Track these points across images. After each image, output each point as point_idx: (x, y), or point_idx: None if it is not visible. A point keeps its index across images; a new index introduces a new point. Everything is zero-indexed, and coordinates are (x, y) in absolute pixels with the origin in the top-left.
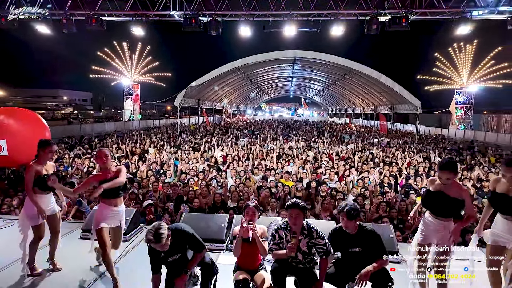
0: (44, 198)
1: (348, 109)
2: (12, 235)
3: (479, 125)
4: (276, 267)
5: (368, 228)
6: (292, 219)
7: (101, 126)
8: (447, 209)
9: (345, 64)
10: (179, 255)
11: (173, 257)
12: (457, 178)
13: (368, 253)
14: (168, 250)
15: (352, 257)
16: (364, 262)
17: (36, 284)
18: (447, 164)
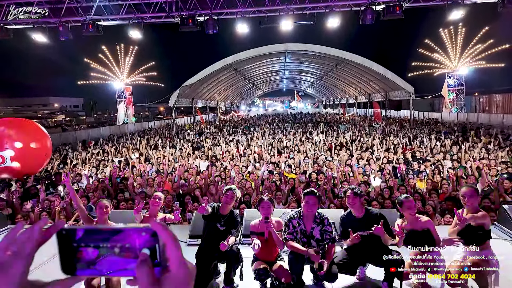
0: None
1: (342, 99)
2: None
3: (471, 107)
4: (293, 256)
5: (374, 211)
6: (309, 205)
7: (97, 131)
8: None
9: (337, 54)
10: (224, 227)
11: (221, 225)
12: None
13: (376, 235)
14: (225, 217)
15: (361, 241)
16: (373, 244)
17: None
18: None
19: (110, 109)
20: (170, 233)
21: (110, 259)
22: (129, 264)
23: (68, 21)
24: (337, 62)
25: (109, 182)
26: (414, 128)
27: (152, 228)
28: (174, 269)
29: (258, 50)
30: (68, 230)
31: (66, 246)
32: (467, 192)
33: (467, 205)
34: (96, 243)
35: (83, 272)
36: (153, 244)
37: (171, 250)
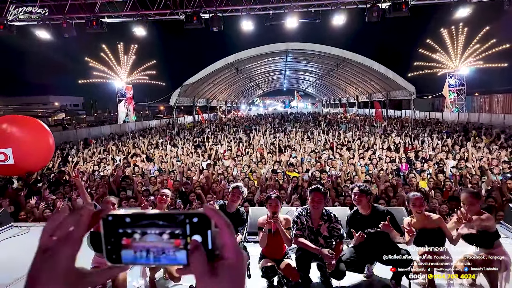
0: None
1: (342, 98)
2: (29, 242)
3: (471, 107)
4: (301, 254)
5: (381, 208)
6: (315, 202)
7: (97, 130)
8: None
9: (338, 53)
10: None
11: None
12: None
13: (383, 232)
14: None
15: (368, 238)
16: (381, 242)
17: None
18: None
19: (110, 108)
20: (224, 218)
21: (158, 246)
22: (179, 251)
23: (72, 17)
24: (338, 61)
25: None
26: (415, 128)
27: (205, 213)
28: (229, 256)
29: (259, 49)
30: (114, 215)
31: (112, 233)
32: (467, 199)
33: (468, 210)
34: (144, 229)
35: (129, 260)
36: (205, 230)
37: (225, 236)
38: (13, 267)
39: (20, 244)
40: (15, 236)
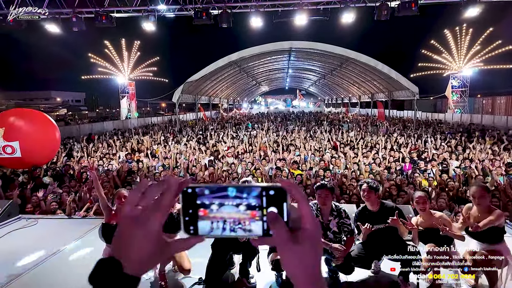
0: None
1: (345, 98)
2: (37, 234)
3: (474, 109)
4: None
5: (390, 204)
6: (322, 199)
7: (100, 126)
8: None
9: (341, 53)
10: None
11: None
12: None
13: (392, 228)
14: None
15: (377, 234)
16: (389, 238)
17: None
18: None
19: (112, 104)
20: (301, 191)
21: (234, 217)
22: (254, 222)
23: (81, 12)
24: (341, 60)
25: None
26: (418, 129)
27: (282, 187)
28: (308, 225)
29: (263, 47)
30: (194, 187)
31: (190, 204)
32: (477, 192)
33: (478, 205)
34: (221, 201)
35: (206, 231)
36: (281, 203)
37: (304, 208)
38: (22, 257)
39: (29, 235)
40: (23, 228)
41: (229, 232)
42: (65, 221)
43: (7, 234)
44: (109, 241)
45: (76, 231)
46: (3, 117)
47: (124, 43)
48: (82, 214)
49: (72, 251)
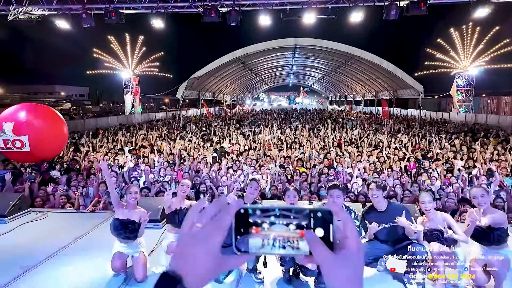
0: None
1: (348, 96)
2: (47, 227)
3: (479, 108)
4: None
5: (397, 204)
6: (333, 198)
7: (105, 121)
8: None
9: (346, 50)
10: None
11: None
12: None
13: (399, 228)
14: None
15: (383, 234)
16: (395, 237)
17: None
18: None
19: (116, 99)
20: (346, 213)
21: (284, 236)
22: (302, 241)
23: (90, 8)
24: (346, 58)
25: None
26: (422, 128)
27: (330, 210)
28: (352, 245)
29: (267, 43)
30: (247, 208)
31: (242, 223)
32: (478, 192)
33: (480, 205)
34: (272, 220)
35: (257, 248)
36: (328, 224)
37: (349, 230)
38: (33, 250)
39: (39, 228)
40: (33, 221)
41: (278, 249)
42: (74, 215)
43: (18, 227)
44: (120, 236)
45: (85, 225)
46: (13, 112)
47: (129, 38)
48: (91, 208)
49: (81, 245)
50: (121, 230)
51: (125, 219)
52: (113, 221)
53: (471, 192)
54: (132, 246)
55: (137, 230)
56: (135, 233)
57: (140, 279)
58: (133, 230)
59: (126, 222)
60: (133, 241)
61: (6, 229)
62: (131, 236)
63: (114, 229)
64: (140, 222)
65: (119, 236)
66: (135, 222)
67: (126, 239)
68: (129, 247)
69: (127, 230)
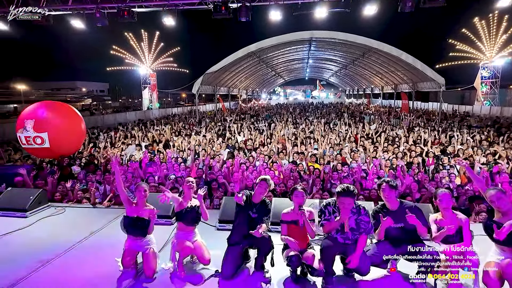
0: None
1: (367, 89)
2: (64, 222)
3: (505, 101)
4: (326, 244)
5: (409, 203)
6: (344, 206)
7: (123, 116)
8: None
9: (364, 42)
10: (256, 215)
11: (254, 213)
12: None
13: (411, 228)
14: (257, 206)
15: (394, 234)
16: (407, 238)
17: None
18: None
19: (134, 94)
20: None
21: None
22: None
23: (104, 7)
24: (364, 50)
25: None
26: (443, 122)
27: None
28: None
29: (282, 37)
30: None
31: None
32: (494, 195)
33: (498, 208)
34: None
35: None
36: None
37: None
38: (51, 244)
39: (57, 223)
40: (52, 216)
41: None
42: (91, 210)
43: (38, 221)
44: (131, 233)
45: (101, 220)
46: (33, 110)
47: (146, 35)
48: (106, 204)
49: (95, 240)
50: (130, 227)
51: (134, 216)
52: (123, 219)
53: (487, 195)
54: (142, 243)
55: (146, 227)
56: (145, 230)
57: (149, 276)
58: (142, 227)
59: (135, 220)
60: (143, 238)
61: (26, 223)
62: (141, 233)
63: (123, 227)
64: (149, 219)
65: (128, 233)
66: (144, 219)
67: (135, 236)
68: (139, 244)
69: (136, 227)
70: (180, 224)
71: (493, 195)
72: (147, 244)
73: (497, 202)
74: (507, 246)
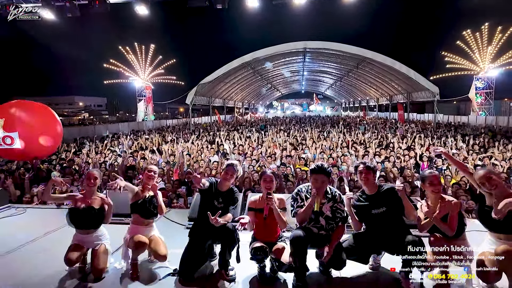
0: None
1: (362, 101)
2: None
3: (500, 112)
4: (297, 235)
5: (388, 185)
6: (318, 184)
7: (116, 127)
8: None
9: (357, 52)
10: (222, 205)
11: (219, 203)
12: None
13: (394, 211)
14: (223, 194)
15: (375, 222)
16: (389, 225)
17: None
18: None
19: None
20: None
21: None
22: None
23: None
24: (358, 61)
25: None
26: (438, 130)
27: None
28: None
29: (276, 47)
30: None
31: None
32: (483, 175)
33: (491, 190)
34: None
35: None
36: None
37: None
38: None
39: (13, 223)
40: (10, 216)
41: None
42: (53, 211)
43: None
44: (79, 226)
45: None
46: (3, 108)
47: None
48: None
49: (49, 240)
50: (79, 219)
51: (81, 207)
52: (68, 212)
53: (477, 176)
54: (93, 238)
55: (98, 216)
56: (96, 220)
57: (97, 275)
58: (93, 218)
59: (83, 210)
60: (94, 232)
61: None
62: (92, 224)
63: (69, 220)
64: (101, 207)
65: (77, 227)
66: (95, 208)
67: (86, 230)
68: (89, 240)
69: (85, 218)
70: (135, 216)
71: (483, 175)
72: (98, 239)
73: (488, 183)
74: (503, 233)
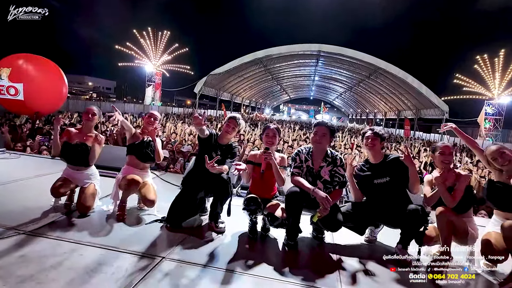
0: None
1: (370, 114)
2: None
3: (507, 141)
4: (293, 190)
5: (393, 155)
6: (317, 136)
7: (121, 106)
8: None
9: (371, 61)
10: (220, 158)
11: (217, 155)
12: None
13: (398, 181)
14: (222, 147)
15: (377, 192)
16: (391, 196)
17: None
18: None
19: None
20: None
21: None
22: None
23: None
24: (370, 71)
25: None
26: None
27: None
28: None
29: (290, 47)
30: None
31: None
32: (496, 151)
33: (503, 166)
34: None
35: None
36: None
37: None
38: None
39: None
40: (5, 159)
41: None
42: (46, 160)
43: None
44: (71, 162)
45: (53, 167)
46: (12, 59)
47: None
48: None
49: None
50: (71, 154)
51: (76, 142)
52: (62, 145)
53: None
54: (83, 175)
55: (88, 153)
56: (86, 156)
57: (82, 211)
58: (85, 155)
59: (76, 146)
60: (84, 170)
61: None
62: (83, 162)
63: (62, 153)
64: (93, 145)
65: (68, 162)
66: (87, 145)
67: (77, 166)
68: (79, 177)
69: (77, 154)
70: (131, 157)
71: (495, 150)
72: (88, 178)
73: (500, 157)
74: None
